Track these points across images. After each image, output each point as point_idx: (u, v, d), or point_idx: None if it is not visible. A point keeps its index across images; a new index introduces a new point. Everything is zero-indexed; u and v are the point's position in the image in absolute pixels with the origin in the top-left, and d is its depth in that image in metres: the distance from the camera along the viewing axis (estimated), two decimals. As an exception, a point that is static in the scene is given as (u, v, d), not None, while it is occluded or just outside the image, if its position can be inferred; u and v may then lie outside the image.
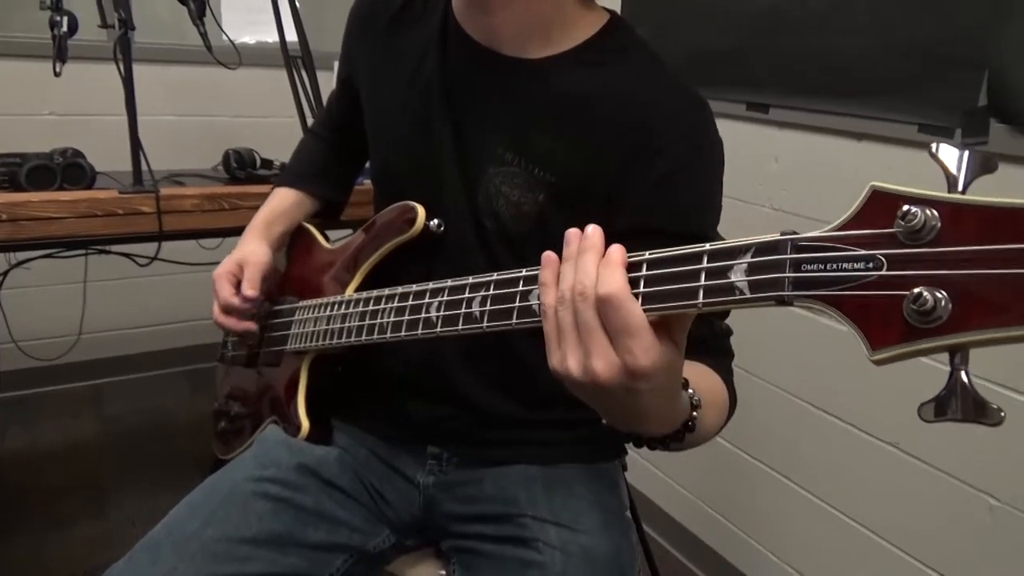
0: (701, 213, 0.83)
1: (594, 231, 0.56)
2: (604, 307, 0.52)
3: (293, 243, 1.14)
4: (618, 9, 1.91)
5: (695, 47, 1.74)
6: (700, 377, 0.71)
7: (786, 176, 1.63)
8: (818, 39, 1.48)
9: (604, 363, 0.52)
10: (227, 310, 1.01)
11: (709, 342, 0.78)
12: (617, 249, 0.54)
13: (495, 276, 0.67)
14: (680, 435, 0.64)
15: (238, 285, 1.01)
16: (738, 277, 0.48)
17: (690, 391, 0.64)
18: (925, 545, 1.42)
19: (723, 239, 0.82)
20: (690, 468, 1.98)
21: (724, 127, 0.85)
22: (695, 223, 0.80)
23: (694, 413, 0.63)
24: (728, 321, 0.85)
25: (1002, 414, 0.40)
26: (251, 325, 1.02)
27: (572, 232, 0.57)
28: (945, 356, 0.42)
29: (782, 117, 1.61)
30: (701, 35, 1.74)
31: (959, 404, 0.41)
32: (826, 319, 1.58)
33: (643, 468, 2.09)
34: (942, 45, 1.28)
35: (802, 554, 1.69)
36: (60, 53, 1.57)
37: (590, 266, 0.54)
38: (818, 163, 1.55)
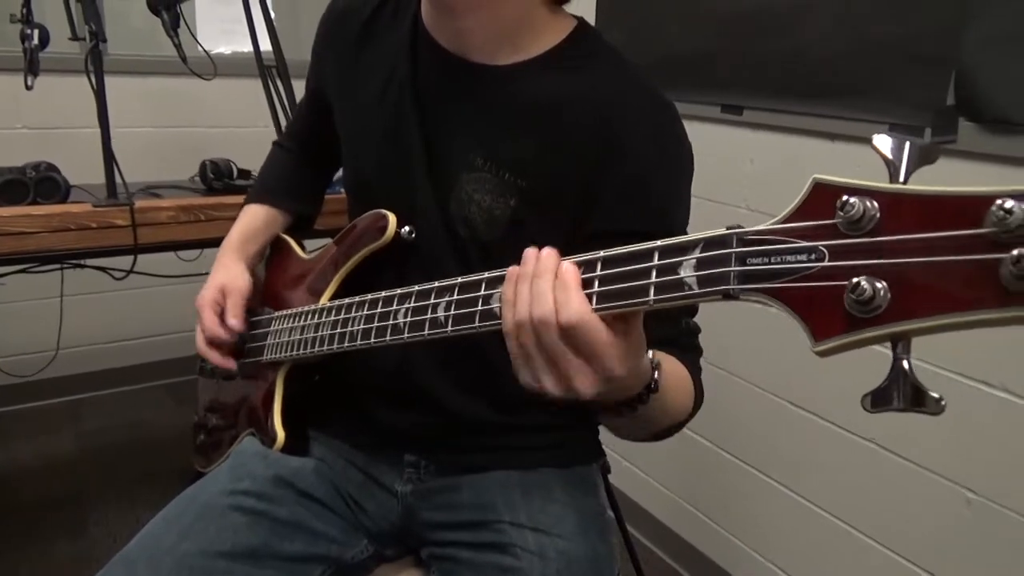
0: (670, 214, 0.83)
1: (548, 254, 0.57)
2: (570, 334, 0.54)
3: (270, 254, 1.14)
4: (592, 13, 1.92)
5: (669, 50, 1.75)
6: (663, 357, 0.72)
7: (761, 177, 1.65)
8: (790, 41, 1.50)
9: (586, 380, 0.55)
10: (212, 341, 1.01)
11: (678, 340, 0.79)
12: (570, 270, 0.55)
13: (459, 280, 0.68)
14: (644, 397, 0.64)
15: (221, 314, 1.02)
16: (687, 273, 0.49)
17: (649, 355, 0.64)
18: (904, 539, 1.44)
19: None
20: (673, 468, 1.99)
21: (699, 129, 0.86)
22: (665, 224, 0.81)
23: (655, 374, 0.64)
24: (705, 320, 0.85)
25: (943, 403, 0.40)
26: (231, 364, 1.01)
27: (529, 252, 0.58)
28: (923, 354, 0.42)
29: (756, 119, 1.63)
30: (675, 38, 1.75)
31: (899, 394, 0.41)
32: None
33: (626, 469, 2.09)
34: (910, 45, 1.30)
35: (784, 551, 1.70)
36: (32, 66, 1.56)
37: (546, 291, 0.55)
38: (793, 164, 1.57)
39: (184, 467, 1.21)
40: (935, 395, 0.40)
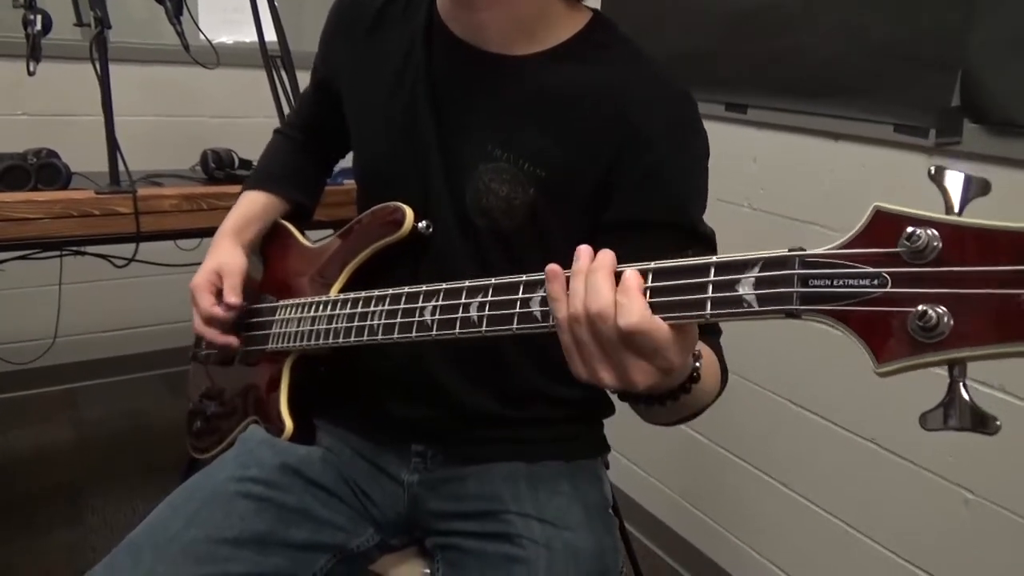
0: (687, 204, 0.84)
1: (604, 253, 0.58)
2: (632, 337, 0.55)
3: (271, 241, 1.12)
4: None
5: (674, 48, 1.75)
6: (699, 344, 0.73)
7: (764, 176, 1.65)
8: (795, 40, 1.50)
9: (643, 375, 0.56)
10: (209, 321, 0.99)
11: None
12: (633, 275, 0.56)
13: (493, 281, 0.68)
14: (687, 386, 0.65)
15: (218, 294, 1.00)
16: (746, 290, 0.51)
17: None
18: (902, 539, 1.44)
19: (709, 229, 0.84)
20: (671, 466, 1.99)
21: (702, 128, 0.87)
22: (681, 214, 0.82)
23: (697, 364, 0.65)
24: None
25: (998, 423, 0.42)
26: (233, 339, 1.00)
27: (582, 248, 0.59)
28: None
29: (760, 117, 1.63)
30: (680, 36, 1.75)
31: (959, 415, 0.43)
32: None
33: (625, 467, 2.10)
34: (916, 46, 1.30)
35: (782, 549, 1.71)
36: (34, 52, 1.55)
37: (604, 287, 0.56)
38: (796, 163, 1.57)
39: (181, 457, 1.21)
40: (992, 416, 0.43)
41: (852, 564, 1.54)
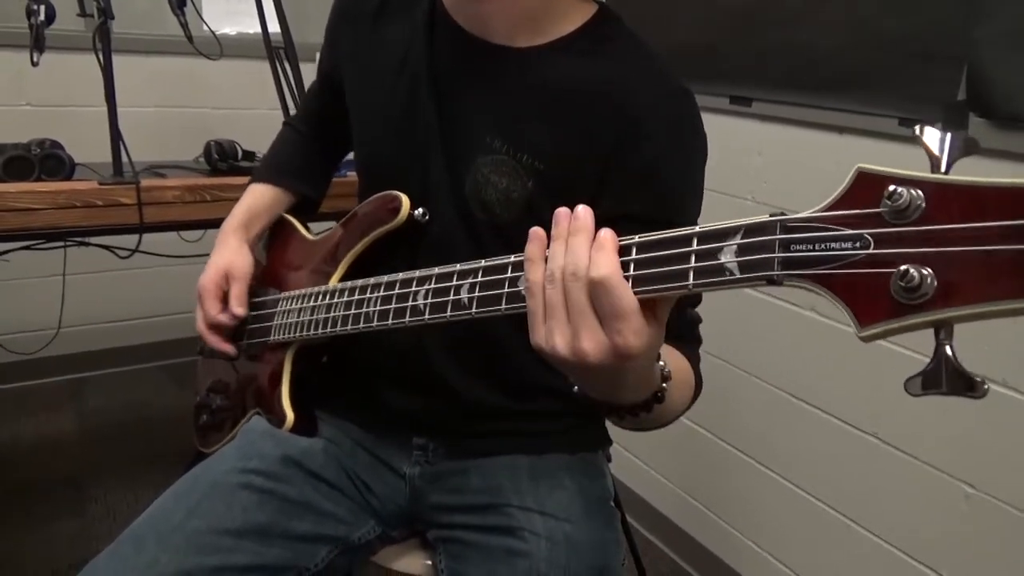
0: (684, 201, 0.84)
1: (584, 212, 0.56)
2: (596, 290, 0.53)
3: (274, 235, 1.13)
4: (602, 2, 1.92)
5: (679, 40, 1.74)
6: (669, 353, 0.73)
7: (769, 169, 1.65)
8: (800, 33, 1.49)
9: (593, 344, 0.54)
10: (213, 326, 1.01)
11: (680, 330, 0.79)
12: (609, 233, 0.55)
13: (483, 263, 0.67)
14: (649, 405, 0.65)
15: (224, 297, 1.01)
16: (728, 258, 0.49)
17: (661, 363, 0.65)
18: (902, 533, 1.45)
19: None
20: (673, 459, 2.00)
21: (707, 120, 0.86)
22: (678, 211, 0.82)
23: (664, 385, 0.65)
24: (708, 312, 0.86)
25: (986, 387, 0.41)
26: (231, 348, 1.02)
27: (562, 211, 0.57)
28: (923, 349, 0.43)
29: (765, 111, 1.62)
30: (684, 29, 1.74)
31: (945, 378, 0.42)
32: (800, 308, 1.60)
33: (626, 459, 2.10)
34: (922, 40, 1.29)
35: (782, 543, 1.71)
36: (37, 43, 1.54)
37: (581, 248, 0.55)
38: (800, 156, 1.57)
39: (184, 448, 1.21)
40: (979, 379, 0.41)
41: (852, 557, 1.54)
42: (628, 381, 0.60)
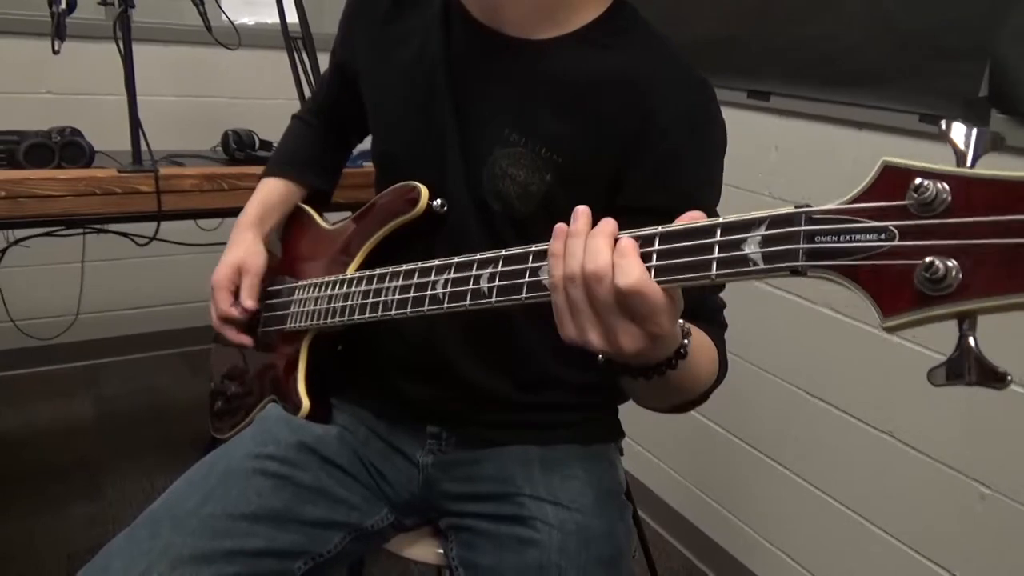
0: (701, 193, 0.83)
1: (606, 221, 0.58)
2: (626, 298, 0.55)
3: (290, 224, 1.14)
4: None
5: (696, 33, 1.73)
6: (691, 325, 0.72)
7: (786, 164, 1.64)
8: (820, 27, 1.48)
9: (630, 338, 0.57)
10: (225, 320, 1.03)
11: (703, 312, 0.79)
12: (628, 240, 0.57)
13: (504, 252, 0.68)
14: (673, 361, 0.64)
15: (236, 292, 1.03)
16: (751, 249, 0.50)
17: (679, 321, 0.65)
18: (916, 532, 1.44)
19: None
20: (685, 454, 1.99)
21: (725, 114, 0.86)
22: (696, 202, 0.81)
23: (685, 340, 0.65)
24: (724, 310, 0.85)
25: (1009, 378, 0.41)
26: (247, 339, 1.03)
27: (580, 208, 0.59)
28: (940, 347, 0.43)
29: (783, 105, 1.61)
30: (702, 22, 1.73)
31: (969, 369, 0.42)
32: (816, 305, 1.59)
33: (638, 453, 2.10)
34: (943, 35, 1.28)
35: (795, 540, 1.71)
36: (58, 31, 1.55)
37: (602, 248, 0.56)
38: (818, 152, 1.56)
39: (199, 434, 1.23)
40: (1002, 370, 0.41)
41: (865, 556, 1.53)
42: (656, 346, 0.61)
